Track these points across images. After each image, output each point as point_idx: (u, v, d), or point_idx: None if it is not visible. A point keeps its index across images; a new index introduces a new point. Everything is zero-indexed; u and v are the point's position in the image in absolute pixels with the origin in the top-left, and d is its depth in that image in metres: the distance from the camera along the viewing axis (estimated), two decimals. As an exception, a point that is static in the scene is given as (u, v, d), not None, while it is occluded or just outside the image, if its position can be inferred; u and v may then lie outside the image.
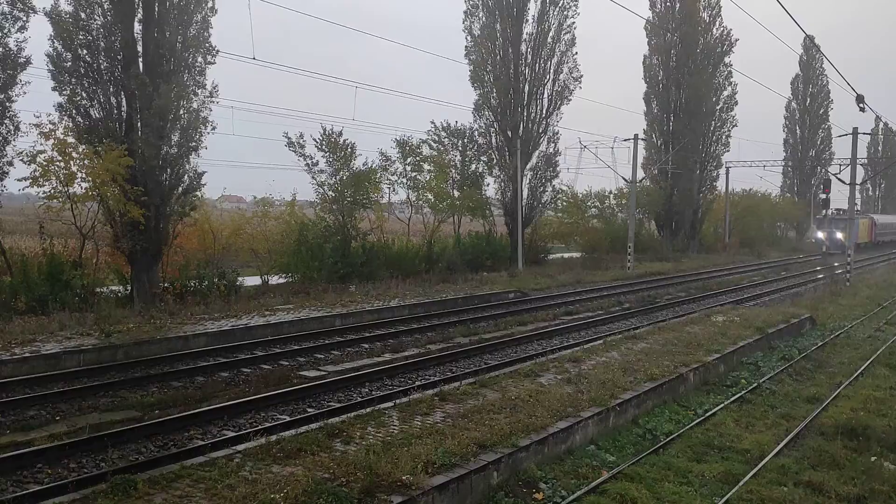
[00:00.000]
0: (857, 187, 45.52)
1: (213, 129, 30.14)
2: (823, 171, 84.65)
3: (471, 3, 46.17)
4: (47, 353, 17.39)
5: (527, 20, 46.42)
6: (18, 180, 25.99)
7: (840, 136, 52.75)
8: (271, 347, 20.37)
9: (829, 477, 11.34)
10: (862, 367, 19.30)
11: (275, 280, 33.91)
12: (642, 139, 54.46)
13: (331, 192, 36.42)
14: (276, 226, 36.51)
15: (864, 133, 44.99)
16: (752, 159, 73.45)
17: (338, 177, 37.32)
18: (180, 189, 28.19)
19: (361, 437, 10.92)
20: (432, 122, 46.55)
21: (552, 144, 48.71)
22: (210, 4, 29.88)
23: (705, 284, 39.42)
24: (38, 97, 28.15)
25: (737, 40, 60.89)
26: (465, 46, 46.27)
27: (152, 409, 14.34)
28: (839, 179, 45.70)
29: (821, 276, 47.01)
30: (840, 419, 14.15)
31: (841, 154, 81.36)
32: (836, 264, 54.19)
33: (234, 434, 12.80)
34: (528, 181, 48.05)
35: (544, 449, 11.49)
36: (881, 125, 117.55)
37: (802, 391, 16.86)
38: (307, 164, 37.07)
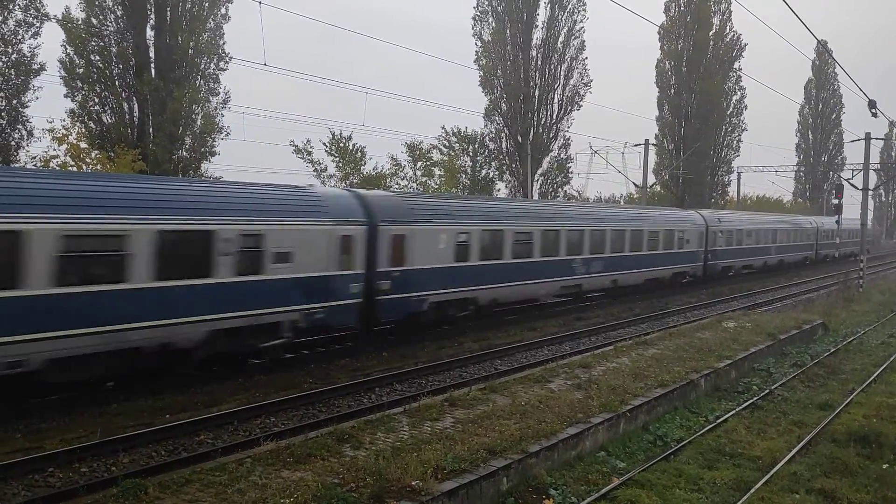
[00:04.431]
0: (870, 193, 45.23)
1: (227, 135, 30.31)
2: (836, 176, 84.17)
3: (480, 8, 46.30)
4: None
5: (536, 25, 46.51)
6: (31, 185, 26.10)
7: (853, 142, 52.30)
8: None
9: (841, 484, 11.27)
10: (875, 374, 19.16)
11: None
12: (653, 144, 54.42)
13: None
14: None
15: (876, 138, 44.74)
16: (763, 164, 72.70)
17: (348, 181, 37.40)
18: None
19: (371, 442, 10.93)
20: (443, 128, 46.71)
21: (563, 150, 48.78)
22: (223, 11, 30.07)
23: (715, 290, 39.24)
24: (49, 103, 28.36)
25: (746, 45, 60.84)
26: (475, 51, 46.40)
27: (163, 413, 14.37)
28: (852, 185, 45.42)
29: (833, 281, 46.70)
30: (853, 426, 14.06)
31: (853, 159, 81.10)
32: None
33: (244, 439, 12.84)
34: (538, 186, 48.06)
35: (554, 455, 11.46)
36: (895, 130, 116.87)
37: (815, 398, 16.76)
38: (315, 171, 37.22)
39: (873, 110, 31.58)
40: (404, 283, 20.67)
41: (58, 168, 25.87)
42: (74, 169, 26.41)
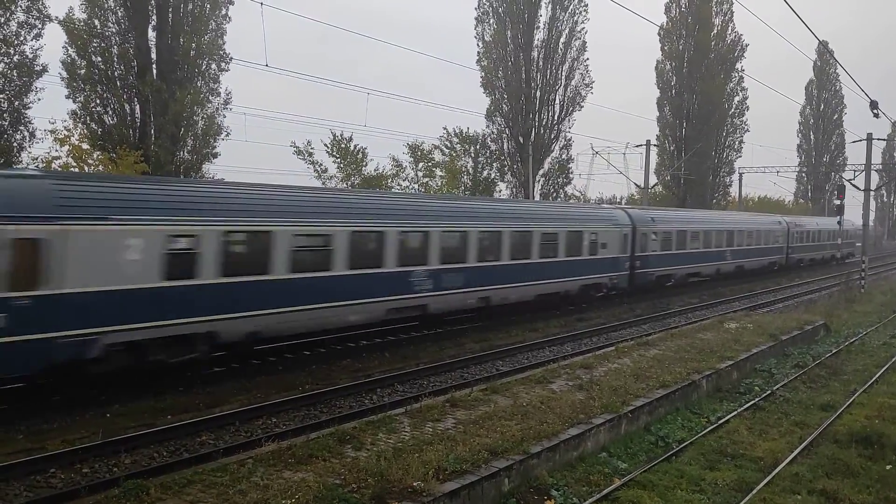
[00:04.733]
0: (872, 193, 45.20)
1: (228, 135, 30.36)
2: (837, 176, 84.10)
3: (481, 9, 46.38)
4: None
5: (538, 26, 46.55)
6: (33, 187, 26.15)
7: (854, 142, 52.14)
8: (282, 352, 20.37)
9: (843, 485, 11.26)
10: (877, 375, 19.14)
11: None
12: (655, 145, 54.42)
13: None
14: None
15: (878, 139, 44.71)
16: (765, 165, 72.50)
17: (349, 182, 37.43)
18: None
19: (373, 442, 10.92)
20: (444, 129, 46.79)
21: (564, 150, 48.83)
22: (224, 12, 30.10)
23: (718, 291, 39.22)
24: (51, 104, 28.43)
25: (747, 45, 60.84)
26: (477, 53, 46.48)
27: (164, 413, 14.38)
28: (853, 185, 45.43)
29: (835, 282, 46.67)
30: (854, 427, 14.05)
31: (855, 160, 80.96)
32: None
33: (246, 439, 12.85)
34: (540, 187, 48.07)
35: (556, 456, 11.45)
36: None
37: (816, 399, 16.74)
38: (316, 172, 37.26)
39: (875, 111, 31.59)
40: (44, 317, 13.15)
41: (60, 169, 25.91)
42: (77, 170, 26.45)
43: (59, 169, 25.86)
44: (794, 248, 51.95)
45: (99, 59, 27.83)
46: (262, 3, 23.42)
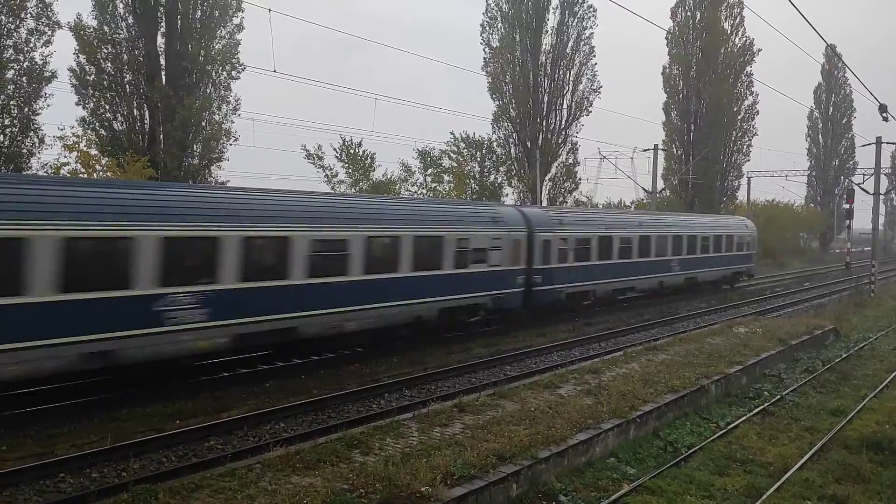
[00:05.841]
0: (882, 197, 44.98)
1: (237, 139, 30.45)
2: (847, 180, 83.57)
3: (489, 14, 46.44)
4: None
5: (546, 31, 46.55)
6: (42, 192, 26.27)
7: (864, 146, 51.89)
8: (292, 358, 20.39)
9: (854, 491, 11.19)
10: (887, 380, 19.03)
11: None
12: (662, 149, 54.19)
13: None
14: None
15: (888, 142, 44.47)
16: (774, 169, 72.26)
17: (357, 187, 37.52)
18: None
19: (380, 447, 10.92)
20: (451, 133, 46.83)
21: (572, 155, 48.76)
22: (237, 21, 30.17)
23: (726, 296, 39.08)
24: (59, 110, 28.59)
25: (759, 50, 60.42)
26: (483, 58, 46.52)
27: (172, 418, 14.41)
28: (863, 189, 45.19)
29: (844, 286, 46.38)
30: (865, 432, 13.97)
31: (865, 164, 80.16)
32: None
33: (254, 444, 12.86)
34: (547, 192, 48.02)
35: (564, 461, 11.43)
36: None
37: (826, 403, 16.65)
38: (326, 176, 37.33)
39: (884, 114, 31.48)
40: None
41: (68, 175, 26.03)
42: (85, 176, 26.57)
43: (68, 175, 26.00)
44: (552, 274, 26.81)
45: (109, 65, 27.98)
46: (269, 10, 23.55)
